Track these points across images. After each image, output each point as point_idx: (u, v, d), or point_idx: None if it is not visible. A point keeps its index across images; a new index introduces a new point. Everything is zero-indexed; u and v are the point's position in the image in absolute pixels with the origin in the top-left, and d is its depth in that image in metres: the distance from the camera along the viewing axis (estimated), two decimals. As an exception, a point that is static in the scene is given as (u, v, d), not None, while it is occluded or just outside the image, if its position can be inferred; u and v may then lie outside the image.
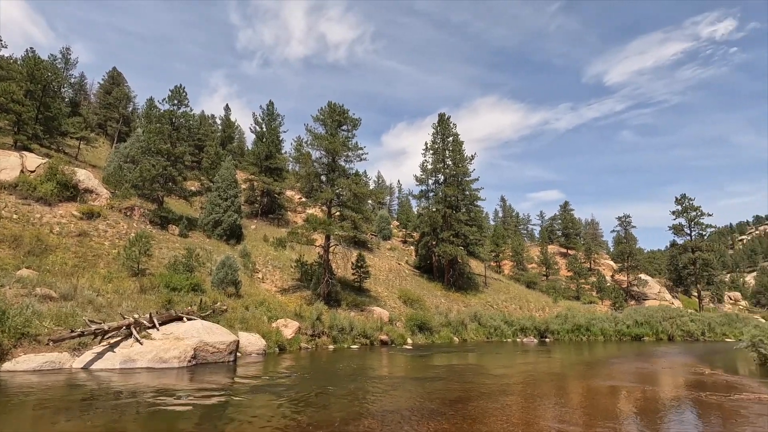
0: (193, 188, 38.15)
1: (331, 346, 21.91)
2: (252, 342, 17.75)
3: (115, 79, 55.30)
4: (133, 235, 22.91)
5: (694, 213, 59.36)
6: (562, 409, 9.78)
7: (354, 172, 30.79)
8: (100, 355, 12.91)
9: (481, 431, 7.35)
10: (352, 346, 22.59)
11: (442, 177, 44.01)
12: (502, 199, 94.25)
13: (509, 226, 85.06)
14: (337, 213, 29.06)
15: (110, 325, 13.50)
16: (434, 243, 41.56)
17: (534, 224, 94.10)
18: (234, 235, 32.04)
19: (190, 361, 13.90)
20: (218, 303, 20.09)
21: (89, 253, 21.30)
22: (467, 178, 43.28)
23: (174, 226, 29.54)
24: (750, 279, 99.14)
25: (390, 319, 27.39)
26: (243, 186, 42.27)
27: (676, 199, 60.66)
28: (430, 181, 45.37)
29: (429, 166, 44.63)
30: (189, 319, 16.27)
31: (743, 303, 77.19)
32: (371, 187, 47.61)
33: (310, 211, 36.82)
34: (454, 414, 8.49)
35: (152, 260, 22.71)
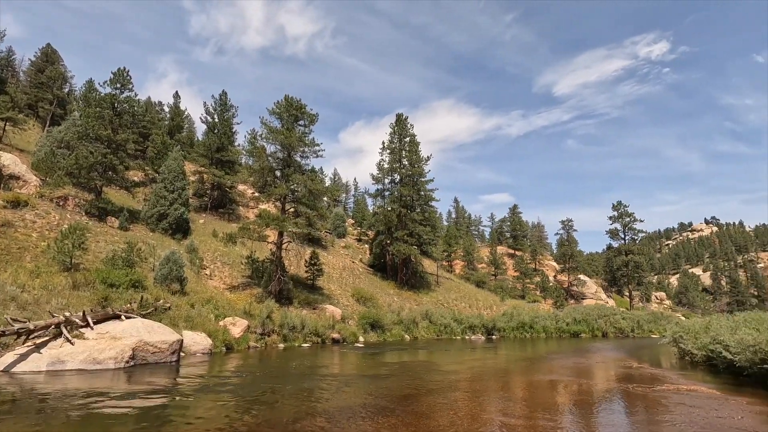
0: (136, 178, 35.89)
1: (281, 345, 21.48)
2: (197, 341, 17.02)
3: (49, 57, 50.77)
4: (66, 226, 21.18)
5: (628, 219, 64.18)
6: (506, 402, 10.22)
7: (310, 168, 30.33)
8: (23, 357, 11.83)
9: (429, 426, 7.52)
10: (303, 345, 22.29)
11: (398, 177, 44.46)
12: (456, 201, 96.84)
13: (461, 226, 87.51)
14: (292, 209, 28.53)
15: (36, 324, 12.41)
16: (389, 242, 41.92)
17: (485, 225, 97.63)
18: (180, 229, 30.54)
19: (127, 362, 13.09)
20: (161, 300, 19.06)
21: (14, 246, 19.44)
22: (423, 179, 44.01)
23: (113, 218, 27.67)
24: (674, 280, 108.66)
25: (343, 318, 27.31)
26: (192, 178, 40.37)
27: (613, 205, 65.31)
28: (387, 181, 45.70)
29: (386, 166, 44.94)
30: (128, 318, 15.31)
31: (667, 302, 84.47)
32: (327, 184, 47.14)
33: (263, 206, 35.82)
34: (403, 410, 8.62)
35: (88, 254, 21.13)
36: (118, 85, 30.38)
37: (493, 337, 35.08)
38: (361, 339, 26.07)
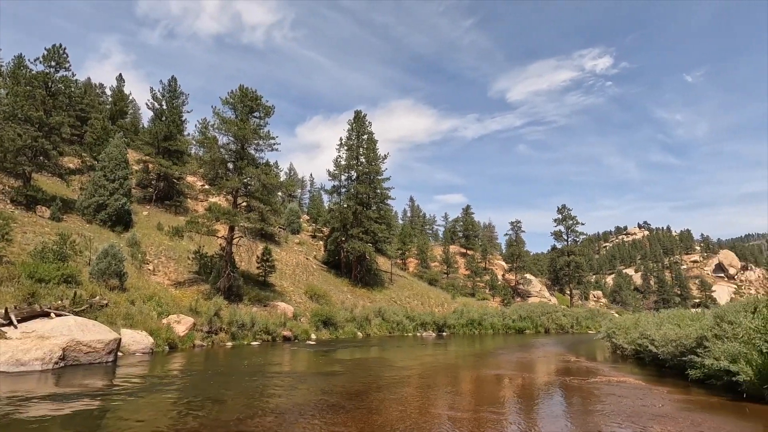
0: (71, 165, 33.24)
1: (229, 343, 20.79)
2: (137, 340, 16.09)
3: (-30, 27, 45.71)
4: (-14, 215, 19.22)
5: (571, 222, 68.10)
6: (454, 396, 10.54)
7: (264, 161, 29.51)
8: (-69, 359, 10.63)
9: (378, 421, 7.59)
10: (252, 343, 21.70)
11: (355, 174, 44.35)
12: (411, 200, 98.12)
13: (416, 225, 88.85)
14: (244, 203, 27.64)
15: (-52, 323, 11.19)
16: (344, 239, 41.75)
17: (439, 225, 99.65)
18: (121, 221, 28.68)
19: (57, 363, 12.12)
20: (97, 297, 17.81)
21: None
22: (379, 177, 44.19)
23: (44, 208, 25.48)
24: (610, 280, 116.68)
25: (294, 315, 26.89)
26: (135, 167, 37.99)
27: (558, 209, 69.00)
28: (343, 177, 45.45)
29: (342, 162, 44.67)
30: (58, 315, 14.18)
31: (603, 300, 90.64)
32: (282, 179, 46.09)
33: (213, 199, 34.40)
34: (353, 407, 8.64)
35: (12, 246, 19.31)
36: (53, 63, 27.96)
37: (444, 333, 35.98)
38: (313, 336, 25.81)
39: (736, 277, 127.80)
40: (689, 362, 11.61)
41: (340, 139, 45.15)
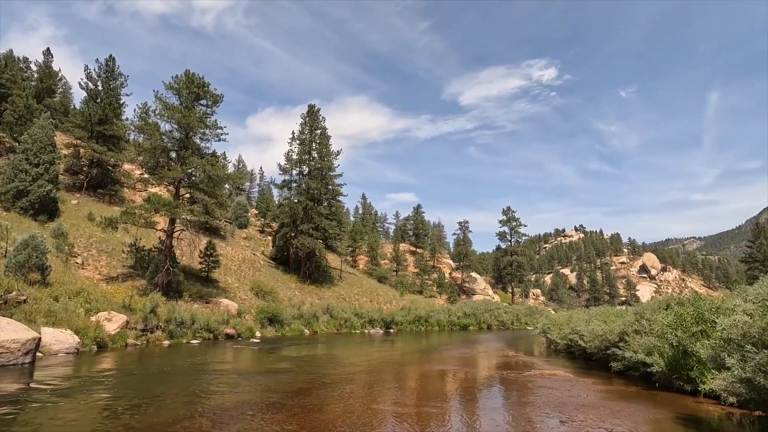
0: (-14, 146, 29.87)
1: (166, 342, 19.72)
2: (60, 339, 14.83)
3: None
4: None
5: (515, 223, 71.42)
6: (399, 392, 10.71)
7: (211, 152, 28.18)
8: None
9: (319, 419, 7.55)
10: (192, 341, 20.74)
11: (307, 169, 43.66)
12: (363, 197, 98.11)
13: (367, 223, 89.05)
14: (187, 195, 26.30)
15: None
16: (293, 235, 40.97)
17: (390, 223, 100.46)
18: (45, 209, 26.25)
19: (-38, 366, 10.88)
20: (14, 292, 16.18)
21: None
22: (331, 173, 43.81)
23: (-49, 192, 22.73)
24: (548, 279, 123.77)
25: (239, 312, 26.01)
26: (64, 152, 34.86)
27: (503, 210, 72.14)
28: (294, 172, 44.61)
29: (294, 157, 43.80)
30: (-35, 312, 12.72)
31: (542, 298, 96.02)
32: (230, 171, 44.37)
33: (153, 189, 32.38)
34: (294, 405, 8.53)
35: None
36: (-33, 31, 24.93)
37: (391, 330, 36.42)
38: (258, 334, 25.13)
39: (656, 277, 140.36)
40: (612, 355, 12.62)
41: (293, 132, 44.29)
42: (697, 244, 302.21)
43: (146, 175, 27.85)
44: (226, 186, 49.00)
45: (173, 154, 26.33)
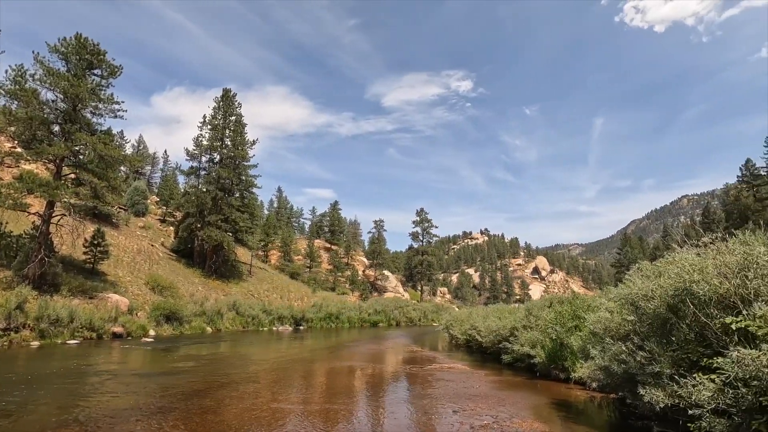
0: None
1: (35, 343, 17.14)
2: None
3: None
4: None
5: (427, 224, 74.80)
6: (304, 390, 10.58)
7: (106, 129, 25.11)
8: None
9: (214, 420, 7.16)
10: (69, 342, 18.29)
11: (219, 156, 41.07)
12: (279, 190, 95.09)
13: (282, 217, 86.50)
14: (72, 175, 23.12)
15: None
16: (199, 226, 38.24)
17: (306, 218, 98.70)
18: None
19: None
20: None
21: None
22: (246, 163, 41.74)
23: None
24: (454, 278, 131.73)
25: (130, 309, 23.56)
26: None
27: (417, 211, 75.13)
28: (204, 159, 41.71)
29: (205, 142, 40.93)
30: None
31: (448, 296, 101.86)
32: (127, 152, 40.04)
33: (27, 166, 27.86)
34: (187, 407, 7.97)
35: None
36: None
37: (301, 327, 35.82)
38: (152, 333, 23.02)
39: (546, 278, 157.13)
40: (503, 349, 13.84)
41: (204, 116, 41.40)
42: (579, 249, 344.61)
43: (19, 149, 23.87)
44: (122, 168, 44.20)
45: (56, 128, 22.97)
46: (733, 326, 4.49)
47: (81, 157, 23.49)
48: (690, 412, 4.70)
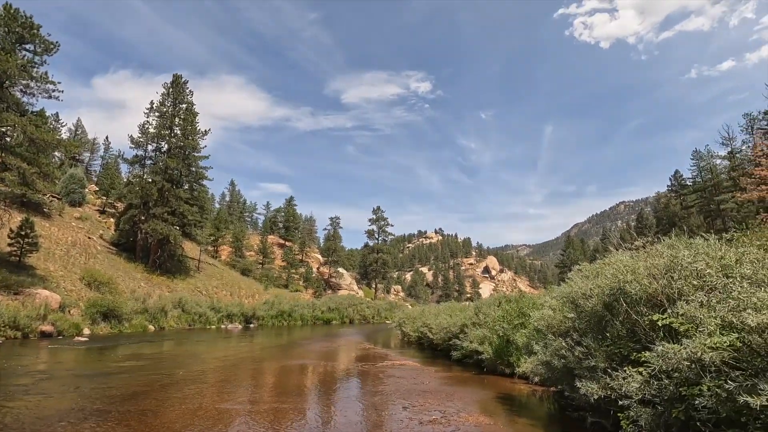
0: None
1: (-53, 343, 15.45)
2: None
3: None
4: None
5: (383, 223, 75.20)
6: (252, 389, 10.28)
7: (38, 110, 23.09)
8: None
9: (153, 423, 6.78)
10: (-12, 342, 16.65)
11: (167, 146, 38.98)
12: (232, 183, 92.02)
13: (234, 211, 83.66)
14: (-4, 159, 21.06)
15: None
16: (143, 218, 36.13)
17: (260, 213, 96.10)
18: None
19: None
20: None
21: None
22: (196, 153, 39.95)
23: None
24: (408, 276, 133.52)
25: (62, 306, 21.83)
26: None
27: (373, 209, 75.31)
28: (150, 147, 39.46)
29: (151, 130, 38.70)
30: None
31: (402, 294, 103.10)
32: (63, 137, 37.00)
33: (-58, 147, 25.01)
34: (122, 411, 7.50)
35: None
36: None
37: (252, 325, 34.86)
38: (87, 331, 21.47)
39: (496, 277, 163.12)
40: (453, 345, 14.21)
41: (152, 102, 39.09)
42: (527, 250, 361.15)
43: (-69, 128, 21.39)
44: (57, 154, 40.90)
45: (-22, 106, 20.80)
46: (660, 323, 4.87)
47: (8, 139, 21.45)
48: (620, 402, 5.06)
